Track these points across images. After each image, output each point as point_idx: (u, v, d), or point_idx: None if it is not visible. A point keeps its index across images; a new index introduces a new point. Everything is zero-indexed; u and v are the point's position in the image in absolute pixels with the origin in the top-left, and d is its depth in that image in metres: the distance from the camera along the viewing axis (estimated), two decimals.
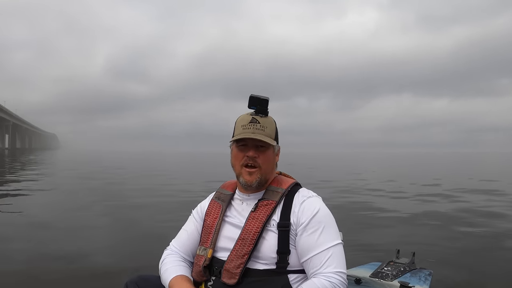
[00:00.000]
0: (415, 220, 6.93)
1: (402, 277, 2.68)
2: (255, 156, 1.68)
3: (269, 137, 1.69)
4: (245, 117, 1.73)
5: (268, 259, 1.61)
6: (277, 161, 1.83)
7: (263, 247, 1.61)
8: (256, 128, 1.68)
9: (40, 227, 5.92)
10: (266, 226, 1.63)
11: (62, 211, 7.55)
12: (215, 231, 1.73)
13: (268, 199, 1.70)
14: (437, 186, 12.96)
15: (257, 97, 1.70)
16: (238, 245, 1.64)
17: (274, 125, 1.75)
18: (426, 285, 2.63)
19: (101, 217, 6.91)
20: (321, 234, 1.59)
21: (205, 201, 1.92)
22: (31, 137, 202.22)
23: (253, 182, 1.70)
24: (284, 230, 1.62)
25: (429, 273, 2.86)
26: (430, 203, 8.96)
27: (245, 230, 1.65)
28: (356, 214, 7.48)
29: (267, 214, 1.65)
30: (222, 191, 1.87)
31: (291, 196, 1.71)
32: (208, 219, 1.79)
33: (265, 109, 1.71)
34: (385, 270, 2.80)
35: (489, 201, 9.36)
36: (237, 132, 1.71)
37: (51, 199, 9.42)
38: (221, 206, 1.80)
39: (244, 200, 1.77)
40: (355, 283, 2.65)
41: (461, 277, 3.70)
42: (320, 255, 1.56)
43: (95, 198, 9.27)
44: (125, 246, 4.93)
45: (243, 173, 1.71)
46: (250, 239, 1.62)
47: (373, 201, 9.48)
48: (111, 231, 5.87)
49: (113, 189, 11.56)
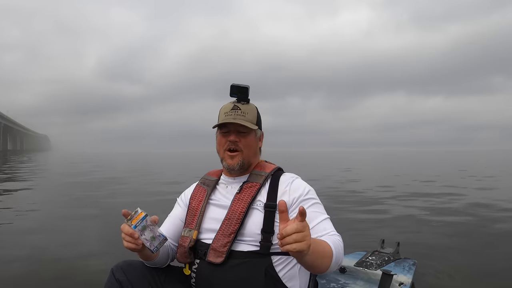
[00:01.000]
0: (402, 213, 7.05)
1: (387, 267, 2.73)
2: (237, 141, 1.76)
3: (250, 122, 1.76)
4: (227, 105, 1.80)
5: (253, 236, 1.64)
6: (260, 146, 1.90)
7: (249, 225, 1.66)
8: (237, 114, 1.76)
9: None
10: (251, 205, 1.69)
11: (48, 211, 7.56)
12: (200, 213, 1.77)
13: (252, 182, 1.77)
14: (427, 182, 13.10)
15: (237, 85, 1.77)
16: (224, 225, 1.68)
17: (255, 111, 1.82)
18: (410, 274, 2.67)
19: (86, 215, 6.92)
20: (317, 207, 1.68)
21: (188, 189, 1.97)
22: (23, 139, 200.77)
23: (235, 165, 1.77)
24: (270, 211, 1.66)
25: (413, 263, 2.91)
26: (417, 198, 9.08)
27: (231, 210, 1.70)
28: (341, 205, 7.61)
29: (251, 195, 1.71)
30: (207, 177, 1.94)
31: (277, 178, 1.77)
32: (193, 203, 1.84)
33: (245, 97, 1.78)
34: (370, 259, 2.85)
35: (476, 195, 9.50)
36: (220, 119, 1.79)
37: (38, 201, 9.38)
38: (206, 190, 1.85)
39: (229, 183, 1.84)
40: (339, 272, 2.70)
41: (445, 267, 3.76)
42: (322, 223, 1.62)
43: (79, 196, 9.28)
44: (110, 237, 5.01)
45: (225, 157, 1.79)
46: (236, 218, 1.67)
47: (360, 194, 9.62)
48: (96, 227, 5.89)
49: (98, 189, 11.53)
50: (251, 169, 1.83)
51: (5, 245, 4.62)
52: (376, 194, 9.98)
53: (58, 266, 3.83)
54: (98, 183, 13.26)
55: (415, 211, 7.17)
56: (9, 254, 4.25)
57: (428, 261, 3.81)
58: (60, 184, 13.05)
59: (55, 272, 3.67)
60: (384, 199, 8.82)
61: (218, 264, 1.63)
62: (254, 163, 1.85)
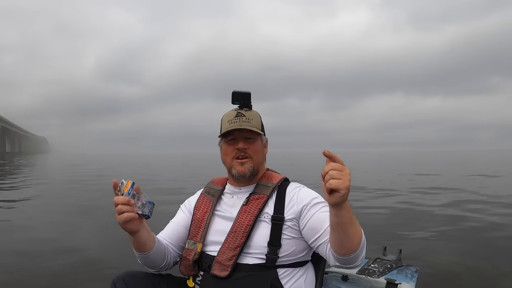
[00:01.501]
0: (403, 218, 7.03)
1: (389, 274, 2.70)
2: (245, 148, 1.71)
3: (255, 128, 1.72)
4: (230, 113, 1.75)
5: (259, 249, 1.61)
6: (266, 153, 1.85)
7: (255, 238, 1.63)
8: (242, 121, 1.71)
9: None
10: (258, 218, 1.65)
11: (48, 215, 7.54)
12: (205, 225, 1.73)
13: (259, 193, 1.72)
14: (428, 185, 13.08)
15: (239, 92, 1.72)
16: (230, 238, 1.64)
17: (259, 118, 1.78)
18: (412, 282, 2.65)
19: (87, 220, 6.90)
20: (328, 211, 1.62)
21: (193, 196, 1.93)
22: (21, 141, 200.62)
23: (246, 172, 1.72)
24: (278, 223, 1.63)
25: (416, 270, 2.88)
26: (417, 200, 9.08)
27: (237, 222, 1.66)
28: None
29: (259, 208, 1.67)
30: (212, 186, 1.89)
31: (283, 189, 1.73)
32: (197, 213, 1.80)
33: (248, 103, 1.73)
34: (372, 267, 2.82)
35: (475, 197, 9.47)
36: (224, 128, 1.74)
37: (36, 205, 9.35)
38: (211, 200, 1.81)
39: (234, 193, 1.79)
40: (342, 279, 2.67)
41: (448, 273, 3.75)
42: None
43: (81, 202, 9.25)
44: (111, 244, 4.98)
45: (234, 164, 1.73)
46: (243, 232, 1.63)
47: (360, 199, 9.58)
48: (95, 231, 5.87)
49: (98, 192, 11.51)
50: (257, 179, 1.78)
51: None
52: (376, 198, 9.94)
53: (55, 275, 3.79)
54: (97, 187, 13.21)
55: (417, 217, 7.11)
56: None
57: (431, 268, 3.80)
58: (59, 189, 13.01)
59: (51, 280, 3.64)
60: (385, 204, 8.75)
61: (223, 277, 1.60)
62: (261, 171, 1.81)
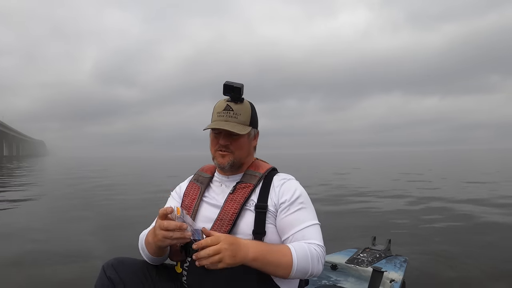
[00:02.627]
0: (393, 209, 7.15)
1: (378, 264, 2.74)
2: (227, 143, 1.73)
3: (241, 124, 1.73)
4: (221, 104, 1.76)
5: (245, 237, 1.63)
6: (255, 145, 1.87)
7: (241, 226, 1.66)
8: (230, 116, 1.72)
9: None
10: (244, 206, 1.68)
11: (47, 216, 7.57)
12: (193, 211, 1.76)
13: (246, 182, 1.75)
14: (421, 181, 13.15)
15: (230, 84, 1.71)
16: (216, 225, 1.67)
17: (249, 111, 1.78)
18: (401, 271, 2.69)
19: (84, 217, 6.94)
20: (303, 213, 1.65)
21: (184, 183, 1.96)
22: (19, 145, 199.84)
23: (225, 164, 1.74)
24: (261, 212, 1.66)
25: (404, 259, 2.93)
26: (409, 195, 9.17)
27: (223, 211, 1.69)
28: (332, 203, 7.69)
29: (244, 196, 1.70)
30: (201, 173, 1.92)
31: (269, 179, 1.76)
32: (186, 200, 1.82)
33: (239, 97, 1.73)
34: (361, 256, 2.87)
35: (466, 193, 9.58)
36: (213, 118, 1.76)
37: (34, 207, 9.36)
38: (200, 187, 1.84)
39: (222, 182, 1.82)
40: (331, 268, 2.72)
41: (436, 264, 3.79)
42: (303, 231, 1.61)
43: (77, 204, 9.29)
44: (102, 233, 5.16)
45: (216, 156, 1.77)
46: (228, 220, 1.66)
47: (353, 192, 9.70)
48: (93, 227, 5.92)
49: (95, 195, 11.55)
50: (244, 168, 1.81)
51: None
52: (368, 192, 10.09)
53: (46, 263, 3.88)
54: (95, 190, 13.23)
55: (407, 208, 7.27)
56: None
57: (419, 258, 3.85)
58: (59, 192, 13.02)
59: (42, 269, 3.72)
60: (376, 196, 8.95)
61: None
62: (248, 162, 1.83)
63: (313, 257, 1.54)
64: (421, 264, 3.71)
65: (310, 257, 1.53)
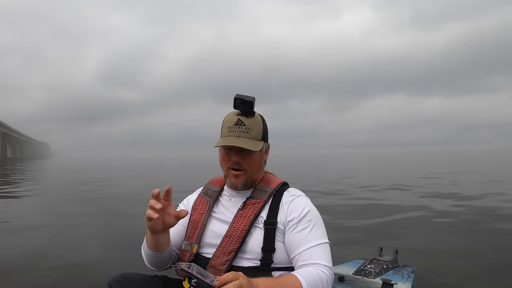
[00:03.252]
0: (399, 219, 7.04)
1: (385, 275, 2.71)
2: (240, 161, 1.70)
3: (254, 140, 1.69)
4: (231, 118, 1.71)
5: (254, 254, 1.62)
6: (266, 159, 1.84)
7: (250, 243, 1.63)
8: (241, 131, 1.67)
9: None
10: (253, 223, 1.65)
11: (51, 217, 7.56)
12: (201, 227, 1.74)
13: (256, 198, 1.71)
14: (429, 185, 13.09)
15: (241, 98, 1.65)
16: (224, 242, 1.65)
17: (261, 125, 1.73)
18: (409, 282, 2.66)
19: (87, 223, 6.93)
20: (311, 231, 1.62)
21: (192, 195, 1.93)
22: (23, 146, 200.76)
23: (239, 184, 1.72)
24: (270, 228, 1.64)
25: (412, 270, 2.90)
26: (416, 203, 9.06)
27: (232, 227, 1.66)
28: (339, 213, 7.62)
29: (254, 213, 1.67)
30: (210, 187, 1.89)
31: (280, 195, 1.73)
32: (194, 214, 1.80)
33: (250, 111, 1.68)
34: (368, 267, 2.83)
35: (483, 199, 9.44)
36: (223, 133, 1.72)
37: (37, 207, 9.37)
38: (209, 202, 1.81)
39: (232, 196, 1.79)
40: (338, 280, 2.69)
41: (444, 274, 3.74)
42: (310, 250, 1.58)
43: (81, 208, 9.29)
44: (109, 246, 5.05)
45: (229, 175, 1.74)
46: (237, 237, 1.63)
47: (358, 199, 9.63)
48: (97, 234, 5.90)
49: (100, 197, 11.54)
50: (255, 184, 1.78)
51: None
52: (374, 199, 9.96)
53: (52, 276, 3.82)
54: (98, 191, 13.23)
55: (415, 218, 7.12)
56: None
57: (427, 269, 3.79)
58: (57, 192, 13.03)
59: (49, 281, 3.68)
60: (382, 205, 8.79)
61: None
62: (259, 177, 1.80)
63: (322, 281, 1.51)
64: (429, 274, 3.66)
65: (319, 282, 1.50)
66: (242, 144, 1.65)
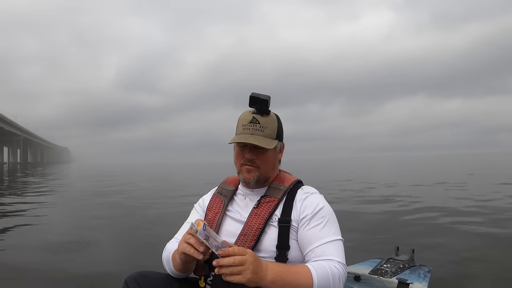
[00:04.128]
0: (415, 218, 6.99)
1: (401, 274, 2.68)
2: (253, 158, 1.71)
3: (268, 138, 1.70)
4: (246, 116, 1.73)
5: (268, 253, 1.63)
6: (280, 158, 1.84)
7: (265, 241, 1.64)
8: (256, 129, 1.69)
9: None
10: (268, 222, 1.66)
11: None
12: (216, 226, 1.75)
13: (270, 196, 1.72)
14: (447, 187, 12.92)
15: (257, 96, 1.67)
16: (240, 241, 1.66)
17: (275, 124, 1.75)
18: (425, 282, 2.63)
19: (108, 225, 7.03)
20: (324, 228, 1.62)
21: (207, 195, 1.94)
22: (43, 151, 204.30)
23: (251, 179, 1.73)
24: (285, 226, 1.64)
25: (429, 270, 2.86)
26: (433, 203, 8.97)
27: (247, 225, 1.67)
28: (355, 212, 7.61)
29: (269, 211, 1.67)
30: (224, 186, 1.90)
31: (293, 193, 1.73)
32: (209, 214, 1.81)
33: (265, 109, 1.70)
34: (385, 267, 2.81)
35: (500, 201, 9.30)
36: (238, 131, 1.74)
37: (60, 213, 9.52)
38: (223, 201, 1.82)
39: (246, 195, 1.81)
40: (354, 280, 2.67)
41: (461, 274, 3.71)
42: (323, 247, 1.58)
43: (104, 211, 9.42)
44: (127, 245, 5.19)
45: (242, 170, 1.75)
46: (252, 235, 1.64)
47: (376, 199, 9.55)
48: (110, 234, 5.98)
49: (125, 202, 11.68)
50: (269, 182, 1.79)
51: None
52: (392, 199, 9.91)
53: (68, 275, 3.93)
54: (119, 195, 13.36)
55: (431, 217, 7.08)
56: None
57: (444, 268, 3.77)
58: (78, 196, 13.22)
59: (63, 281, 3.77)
60: (400, 205, 8.75)
61: None
62: (273, 176, 1.81)
63: (334, 276, 1.49)
64: (446, 274, 3.63)
65: (331, 277, 1.49)
66: (256, 142, 1.67)
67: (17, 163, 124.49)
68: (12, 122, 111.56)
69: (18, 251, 5.00)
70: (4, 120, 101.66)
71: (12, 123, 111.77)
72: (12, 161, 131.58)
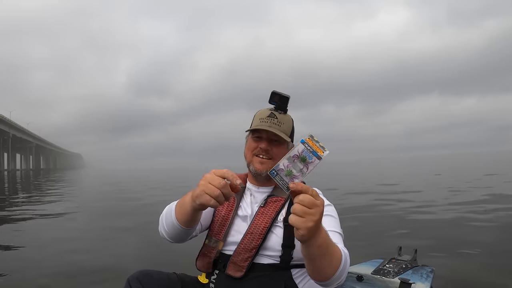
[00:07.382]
0: (420, 219, 6.98)
1: (404, 274, 2.70)
2: (268, 149, 1.72)
3: (284, 133, 1.73)
4: (264, 112, 1.76)
5: (274, 251, 1.65)
6: None
7: (271, 240, 1.66)
8: (273, 122, 1.71)
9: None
10: (275, 221, 1.68)
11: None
12: (228, 225, 1.74)
13: (277, 196, 1.74)
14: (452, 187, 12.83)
15: (279, 93, 1.71)
16: (246, 239, 1.66)
17: (291, 123, 1.78)
18: (427, 282, 2.63)
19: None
20: (326, 220, 1.58)
21: None
22: (56, 158, 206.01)
23: (263, 171, 1.72)
24: (290, 225, 1.67)
25: (431, 270, 2.87)
26: (436, 204, 8.94)
27: (254, 224, 1.68)
28: (360, 213, 7.60)
29: (276, 211, 1.69)
30: None
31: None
32: (223, 211, 1.78)
33: (284, 106, 1.74)
34: (387, 267, 2.83)
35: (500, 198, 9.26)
36: (254, 124, 1.76)
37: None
38: (235, 198, 1.80)
39: (253, 192, 1.81)
40: (356, 280, 2.69)
41: (463, 274, 3.70)
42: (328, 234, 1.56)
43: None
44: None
45: (254, 161, 1.75)
46: (259, 234, 1.65)
47: (379, 200, 9.55)
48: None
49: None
50: None
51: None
52: (395, 200, 9.90)
53: (70, 273, 4.00)
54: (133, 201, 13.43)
55: (434, 218, 7.06)
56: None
57: (446, 268, 3.76)
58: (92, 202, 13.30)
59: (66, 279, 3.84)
60: (403, 205, 8.75)
61: (237, 277, 1.63)
62: None
63: (346, 260, 1.43)
64: (448, 274, 3.63)
65: (347, 261, 1.44)
66: (275, 131, 1.70)
67: (29, 169, 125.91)
68: (24, 130, 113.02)
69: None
70: (16, 127, 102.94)
71: (24, 130, 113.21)
72: (25, 167, 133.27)
